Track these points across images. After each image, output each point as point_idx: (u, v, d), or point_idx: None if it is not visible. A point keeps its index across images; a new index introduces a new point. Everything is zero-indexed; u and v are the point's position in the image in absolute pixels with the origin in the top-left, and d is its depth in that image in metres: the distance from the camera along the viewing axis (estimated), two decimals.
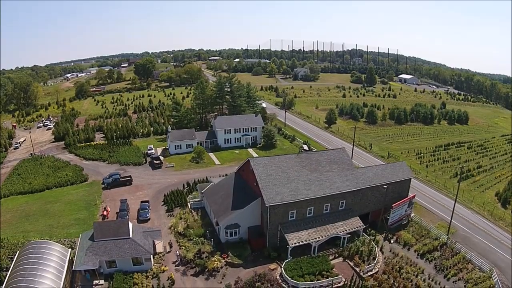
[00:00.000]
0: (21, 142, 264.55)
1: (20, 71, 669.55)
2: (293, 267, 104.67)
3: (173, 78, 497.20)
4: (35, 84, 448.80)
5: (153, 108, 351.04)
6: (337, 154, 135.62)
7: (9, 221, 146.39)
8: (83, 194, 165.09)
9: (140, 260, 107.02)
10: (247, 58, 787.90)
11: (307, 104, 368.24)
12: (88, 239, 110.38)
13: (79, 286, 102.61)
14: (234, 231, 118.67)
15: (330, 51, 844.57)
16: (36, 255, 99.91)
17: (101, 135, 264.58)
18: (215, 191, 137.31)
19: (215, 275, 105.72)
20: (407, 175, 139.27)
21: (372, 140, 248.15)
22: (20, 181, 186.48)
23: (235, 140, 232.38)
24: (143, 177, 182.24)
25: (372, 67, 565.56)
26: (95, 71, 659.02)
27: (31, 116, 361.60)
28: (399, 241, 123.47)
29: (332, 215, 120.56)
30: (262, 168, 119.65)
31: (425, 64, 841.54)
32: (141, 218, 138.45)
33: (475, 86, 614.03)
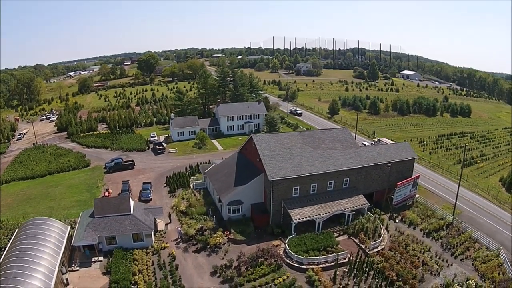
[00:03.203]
0: (24, 134, 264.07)
1: (23, 69, 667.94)
2: (297, 242, 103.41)
3: (176, 73, 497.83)
4: (38, 79, 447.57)
5: (156, 100, 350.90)
6: (340, 132, 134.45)
7: (10, 204, 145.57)
8: (85, 178, 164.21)
9: (140, 236, 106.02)
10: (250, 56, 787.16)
11: (310, 97, 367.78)
12: (89, 216, 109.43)
13: (78, 262, 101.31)
14: (237, 208, 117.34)
15: (333, 49, 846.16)
16: (35, 231, 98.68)
17: (104, 126, 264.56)
18: (218, 170, 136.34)
19: (217, 251, 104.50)
20: (411, 155, 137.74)
21: (375, 129, 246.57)
22: (22, 167, 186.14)
23: (237, 127, 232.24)
24: (146, 161, 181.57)
25: (374, 63, 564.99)
26: (98, 69, 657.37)
27: (34, 110, 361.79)
28: (404, 221, 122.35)
29: (336, 193, 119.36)
30: (265, 144, 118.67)
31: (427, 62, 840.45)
32: (143, 198, 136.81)
33: (478, 83, 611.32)
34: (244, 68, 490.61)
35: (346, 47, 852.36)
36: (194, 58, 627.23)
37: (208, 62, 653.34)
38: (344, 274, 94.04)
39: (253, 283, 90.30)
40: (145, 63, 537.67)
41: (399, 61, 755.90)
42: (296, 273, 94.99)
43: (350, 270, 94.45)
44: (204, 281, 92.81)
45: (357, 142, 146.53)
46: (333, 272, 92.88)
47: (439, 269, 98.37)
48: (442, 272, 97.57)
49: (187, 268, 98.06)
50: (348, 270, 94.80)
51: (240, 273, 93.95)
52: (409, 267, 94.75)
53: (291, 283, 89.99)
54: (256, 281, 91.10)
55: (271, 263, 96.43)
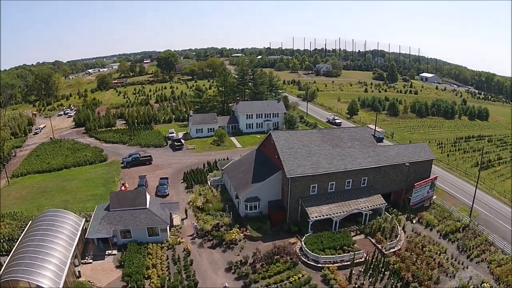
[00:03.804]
0: (41, 128, 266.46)
1: (41, 66, 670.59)
2: (313, 241, 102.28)
3: (196, 71, 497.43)
4: (57, 75, 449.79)
5: (175, 98, 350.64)
6: (359, 131, 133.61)
7: (25, 197, 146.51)
8: (102, 173, 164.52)
9: (156, 230, 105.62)
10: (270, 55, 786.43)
11: (329, 97, 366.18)
12: (104, 209, 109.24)
13: (91, 255, 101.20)
14: (254, 204, 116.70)
15: (352, 50, 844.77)
16: (48, 223, 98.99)
17: (122, 122, 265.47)
18: (236, 167, 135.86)
19: (232, 248, 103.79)
20: (429, 156, 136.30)
21: (394, 130, 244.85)
22: (38, 161, 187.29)
23: (256, 125, 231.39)
24: (163, 157, 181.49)
25: (394, 65, 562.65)
26: (117, 66, 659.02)
27: (51, 106, 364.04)
28: (421, 222, 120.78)
29: (354, 192, 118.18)
30: (284, 141, 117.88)
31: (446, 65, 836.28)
32: (159, 193, 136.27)
33: (495, 86, 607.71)
34: (263, 67, 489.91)
35: (365, 49, 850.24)
36: (213, 57, 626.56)
37: (228, 62, 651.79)
38: (360, 273, 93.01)
39: (268, 280, 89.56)
40: (164, 61, 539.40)
41: (418, 64, 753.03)
42: (311, 271, 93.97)
43: (366, 270, 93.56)
44: (219, 277, 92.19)
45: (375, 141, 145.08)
46: (348, 271, 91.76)
47: (455, 271, 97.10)
48: (458, 274, 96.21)
49: (202, 264, 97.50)
50: (364, 269, 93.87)
51: (255, 270, 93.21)
52: (425, 268, 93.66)
53: (306, 281, 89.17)
54: (271, 278, 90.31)
55: (286, 261, 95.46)
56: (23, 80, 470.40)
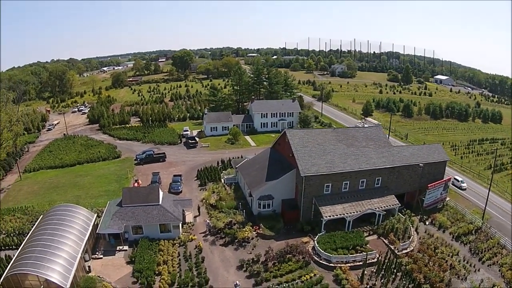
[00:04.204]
0: (55, 125, 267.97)
1: (56, 63, 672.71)
2: (326, 240, 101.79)
3: (211, 70, 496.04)
4: (71, 72, 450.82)
5: (190, 96, 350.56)
6: (374, 131, 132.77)
7: (36, 191, 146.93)
8: (115, 169, 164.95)
9: (168, 227, 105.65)
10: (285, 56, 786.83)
11: (344, 98, 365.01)
12: (116, 205, 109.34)
13: (102, 250, 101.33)
14: (267, 203, 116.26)
15: (368, 52, 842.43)
16: (59, 217, 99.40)
17: (136, 119, 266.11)
18: (250, 165, 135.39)
19: (245, 246, 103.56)
20: (443, 157, 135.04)
21: (408, 131, 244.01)
22: (51, 156, 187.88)
23: (271, 125, 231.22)
24: (177, 155, 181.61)
25: (408, 66, 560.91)
26: (132, 65, 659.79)
27: (65, 103, 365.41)
28: (434, 223, 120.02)
29: (368, 192, 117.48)
30: (298, 139, 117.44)
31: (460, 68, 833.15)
32: (172, 190, 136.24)
33: (509, 90, 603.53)
34: (279, 67, 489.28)
35: (380, 51, 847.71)
36: (229, 56, 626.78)
37: (243, 61, 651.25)
38: (372, 274, 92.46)
39: (280, 279, 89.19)
40: (179, 60, 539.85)
41: (433, 66, 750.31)
42: (323, 271, 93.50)
43: (378, 271, 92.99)
44: (230, 274, 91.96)
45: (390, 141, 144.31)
46: (361, 272, 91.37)
47: (466, 274, 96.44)
48: (469, 277, 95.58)
49: (213, 261, 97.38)
50: (376, 270, 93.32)
51: (267, 268, 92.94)
52: (437, 270, 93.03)
53: (318, 280, 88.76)
54: (282, 277, 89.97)
55: (299, 260, 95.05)
56: (37, 77, 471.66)
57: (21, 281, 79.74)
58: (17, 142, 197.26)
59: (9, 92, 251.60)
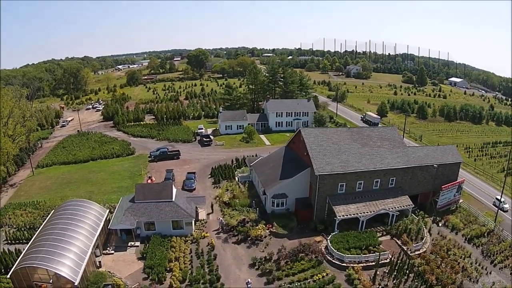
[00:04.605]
0: (69, 121, 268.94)
1: (70, 60, 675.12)
2: (339, 240, 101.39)
3: (226, 69, 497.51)
4: (86, 70, 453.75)
5: (205, 95, 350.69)
6: (389, 131, 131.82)
7: (49, 187, 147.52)
8: (129, 166, 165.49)
9: (180, 224, 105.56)
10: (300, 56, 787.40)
11: (359, 99, 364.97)
12: (129, 201, 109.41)
13: (113, 246, 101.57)
14: (281, 201, 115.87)
15: (383, 53, 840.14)
16: (71, 212, 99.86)
17: (151, 117, 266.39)
18: (264, 163, 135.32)
19: (257, 244, 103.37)
20: (457, 158, 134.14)
21: (422, 133, 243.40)
22: (64, 152, 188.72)
23: (286, 124, 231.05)
24: (192, 152, 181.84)
25: (423, 68, 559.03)
26: (147, 63, 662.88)
27: (80, 100, 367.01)
28: (447, 225, 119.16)
29: (382, 192, 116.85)
30: (313, 138, 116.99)
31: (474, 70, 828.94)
32: (186, 187, 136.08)
33: None
34: (294, 67, 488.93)
35: (395, 52, 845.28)
36: (244, 56, 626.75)
37: (259, 61, 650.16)
38: (384, 274, 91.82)
39: (292, 277, 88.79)
40: (195, 59, 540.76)
41: (447, 68, 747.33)
42: (336, 270, 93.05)
43: (390, 271, 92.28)
44: (242, 272, 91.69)
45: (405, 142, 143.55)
46: (373, 272, 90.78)
47: (478, 276, 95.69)
48: (481, 279, 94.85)
49: (226, 259, 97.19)
50: (388, 271, 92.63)
51: (279, 266, 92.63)
52: (449, 272, 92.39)
53: (330, 280, 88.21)
54: (295, 276, 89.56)
55: (311, 259, 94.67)
56: (51, 74, 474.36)
57: (30, 275, 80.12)
58: (30, 138, 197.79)
59: (23, 89, 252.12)
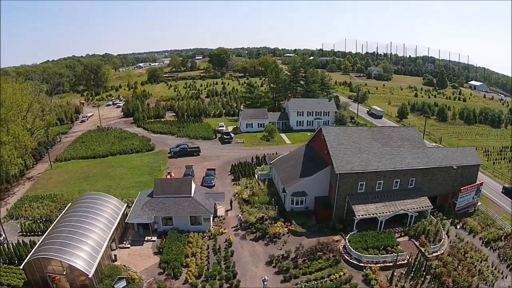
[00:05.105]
0: (88, 117, 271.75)
1: (91, 57, 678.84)
2: (358, 239, 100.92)
3: (248, 68, 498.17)
4: (106, 67, 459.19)
5: (226, 93, 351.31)
6: (409, 131, 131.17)
7: (66, 181, 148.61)
8: (148, 161, 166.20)
9: (198, 219, 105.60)
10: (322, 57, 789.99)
11: (380, 100, 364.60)
12: (147, 195, 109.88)
13: (130, 240, 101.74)
14: (300, 199, 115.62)
15: (403, 55, 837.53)
16: (88, 205, 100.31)
17: (171, 114, 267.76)
18: (284, 161, 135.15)
19: (275, 242, 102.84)
20: (476, 160, 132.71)
21: (442, 135, 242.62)
22: (84, 147, 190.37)
23: (307, 123, 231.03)
24: (212, 150, 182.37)
25: (443, 71, 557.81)
26: (168, 61, 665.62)
27: (100, 96, 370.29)
28: (465, 228, 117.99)
29: (401, 193, 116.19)
30: (334, 136, 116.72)
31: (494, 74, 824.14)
32: (205, 183, 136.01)
33: None
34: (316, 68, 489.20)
35: (416, 54, 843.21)
36: (266, 55, 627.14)
37: (280, 61, 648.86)
38: (401, 275, 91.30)
39: (309, 276, 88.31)
40: (216, 57, 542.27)
41: (467, 72, 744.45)
42: (353, 270, 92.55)
43: (407, 272, 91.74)
44: (259, 269, 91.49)
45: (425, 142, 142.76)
46: (390, 273, 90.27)
47: (494, 280, 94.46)
48: (497, 283, 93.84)
49: (243, 256, 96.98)
50: (405, 272, 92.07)
51: (296, 265, 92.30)
52: (466, 275, 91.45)
53: (347, 279, 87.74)
54: (311, 274, 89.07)
55: (329, 258, 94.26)
56: (71, 70, 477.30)
57: (43, 266, 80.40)
58: (49, 132, 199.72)
59: (42, 84, 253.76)
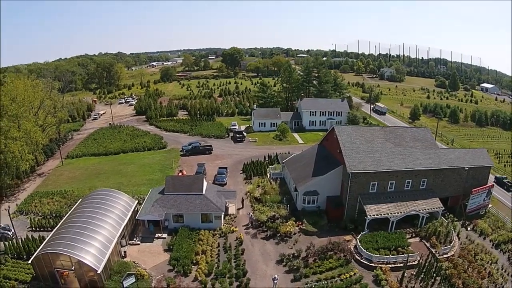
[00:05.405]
0: (101, 114, 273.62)
1: (104, 56, 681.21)
2: (369, 239, 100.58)
3: (261, 68, 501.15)
4: (119, 65, 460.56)
5: (239, 93, 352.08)
6: (421, 132, 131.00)
7: (78, 177, 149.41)
8: (160, 159, 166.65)
9: (209, 217, 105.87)
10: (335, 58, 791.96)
11: (392, 101, 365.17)
12: (158, 192, 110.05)
13: (140, 237, 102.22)
14: (312, 198, 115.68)
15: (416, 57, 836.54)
16: (98, 201, 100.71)
17: (184, 113, 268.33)
18: (297, 160, 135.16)
19: (286, 241, 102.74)
20: (487, 162, 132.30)
21: (454, 137, 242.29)
22: (95, 144, 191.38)
23: (319, 123, 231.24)
24: (224, 148, 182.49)
25: (455, 73, 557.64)
26: (181, 61, 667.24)
27: (112, 94, 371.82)
28: (475, 229, 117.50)
29: (413, 193, 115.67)
30: (346, 136, 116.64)
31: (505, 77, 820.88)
32: (217, 182, 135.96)
33: None
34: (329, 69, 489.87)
35: (428, 56, 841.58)
36: (279, 55, 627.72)
37: (293, 61, 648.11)
38: (412, 276, 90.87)
39: (319, 275, 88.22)
40: (229, 57, 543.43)
41: (479, 74, 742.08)
42: (364, 270, 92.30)
43: (418, 273, 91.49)
44: (269, 268, 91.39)
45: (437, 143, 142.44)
46: (400, 274, 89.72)
47: (503, 283, 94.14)
48: (506, 286, 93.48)
49: (253, 254, 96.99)
50: (416, 273, 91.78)
51: (307, 264, 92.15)
52: (476, 277, 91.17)
53: (357, 279, 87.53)
54: (322, 274, 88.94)
55: (340, 258, 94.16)
56: (84, 68, 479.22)
57: (52, 261, 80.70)
58: (60, 129, 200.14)
59: (55, 81, 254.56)
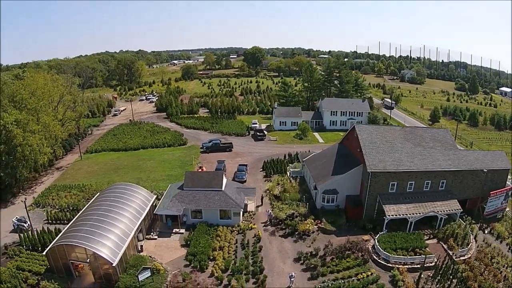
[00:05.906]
0: (121, 111, 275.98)
1: (125, 53, 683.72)
2: (387, 240, 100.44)
3: (282, 68, 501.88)
4: (140, 62, 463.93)
5: (260, 92, 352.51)
6: (441, 133, 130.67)
7: (96, 171, 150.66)
8: (180, 155, 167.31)
9: (228, 213, 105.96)
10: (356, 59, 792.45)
11: (413, 103, 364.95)
12: (177, 188, 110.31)
13: (157, 231, 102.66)
14: (331, 197, 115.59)
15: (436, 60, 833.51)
16: (117, 195, 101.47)
17: (205, 110, 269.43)
18: (317, 159, 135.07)
19: (304, 239, 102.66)
20: (506, 165, 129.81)
21: (473, 140, 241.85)
22: (115, 140, 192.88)
23: (340, 123, 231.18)
24: (244, 146, 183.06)
25: (475, 77, 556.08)
26: (203, 59, 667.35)
27: (133, 91, 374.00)
28: (492, 233, 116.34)
29: (432, 194, 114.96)
30: (367, 135, 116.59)
31: None
32: (237, 179, 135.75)
33: None
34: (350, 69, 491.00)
35: (448, 59, 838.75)
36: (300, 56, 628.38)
37: (315, 62, 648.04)
38: (428, 278, 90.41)
39: (336, 274, 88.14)
40: (251, 56, 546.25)
41: (498, 78, 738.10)
42: (381, 270, 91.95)
43: (434, 275, 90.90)
44: (286, 266, 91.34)
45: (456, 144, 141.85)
46: (417, 275, 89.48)
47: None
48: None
49: (271, 251, 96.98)
50: (432, 274, 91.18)
51: (324, 263, 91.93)
52: (492, 280, 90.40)
53: (374, 279, 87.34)
54: (339, 273, 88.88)
55: (357, 257, 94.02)
56: (104, 65, 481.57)
57: (67, 253, 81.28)
58: (80, 123, 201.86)
59: (75, 77, 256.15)
